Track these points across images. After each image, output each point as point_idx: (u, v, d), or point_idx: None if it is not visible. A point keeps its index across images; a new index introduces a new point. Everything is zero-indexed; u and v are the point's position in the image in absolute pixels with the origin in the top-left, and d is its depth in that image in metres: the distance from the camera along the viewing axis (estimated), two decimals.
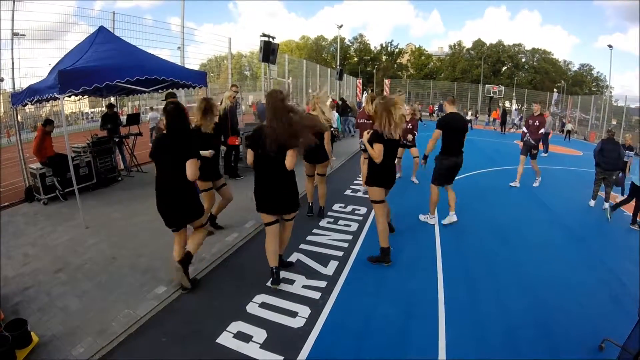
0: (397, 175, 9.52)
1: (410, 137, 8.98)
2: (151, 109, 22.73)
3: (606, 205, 8.18)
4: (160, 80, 7.03)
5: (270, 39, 11.91)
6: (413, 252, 5.41)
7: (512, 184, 9.73)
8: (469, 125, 28.91)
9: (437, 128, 6.21)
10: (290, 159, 3.83)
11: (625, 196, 7.73)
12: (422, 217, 6.76)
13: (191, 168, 3.80)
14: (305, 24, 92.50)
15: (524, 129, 9.89)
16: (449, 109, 6.32)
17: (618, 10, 74.56)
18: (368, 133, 4.96)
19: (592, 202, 8.42)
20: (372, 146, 4.78)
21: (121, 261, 4.84)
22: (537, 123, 9.58)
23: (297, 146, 3.83)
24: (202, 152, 4.97)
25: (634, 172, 7.30)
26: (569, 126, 26.38)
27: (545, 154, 16.38)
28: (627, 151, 9.03)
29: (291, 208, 4.19)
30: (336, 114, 12.42)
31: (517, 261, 5.27)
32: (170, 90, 8.17)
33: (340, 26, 35.41)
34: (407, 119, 8.94)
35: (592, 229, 7.00)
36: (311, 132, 3.93)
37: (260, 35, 11.88)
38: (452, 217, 6.56)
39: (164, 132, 4.05)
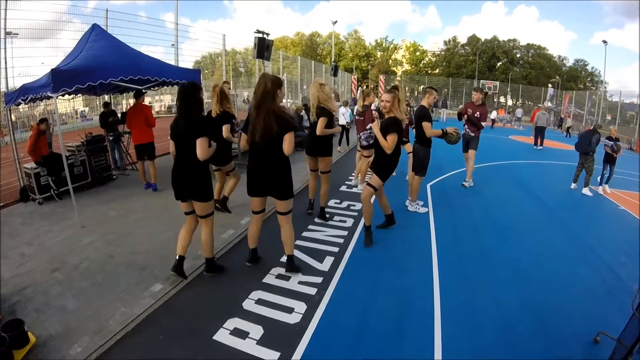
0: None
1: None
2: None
3: (586, 190, 8.89)
4: (152, 80, 7.01)
5: (265, 36, 11.88)
6: (408, 248, 5.44)
7: (465, 184, 8.72)
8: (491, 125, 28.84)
9: (428, 120, 6.41)
10: (287, 145, 3.90)
11: None
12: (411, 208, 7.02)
13: (200, 147, 3.87)
14: (301, 19, 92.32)
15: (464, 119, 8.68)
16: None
17: (616, 6, 74.99)
18: (378, 122, 5.16)
19: (573, 185, 9.16)
20: (384, 136, 5.02)
21: (117, 259, 4.84)
22: (477, 114, 8.35)
23: (293, 129, 3.94)
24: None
25: None
26: (569, 122, 26.36)
27: (540, 147, 16.62)
28: (612, 142, 9.17)
29: (282, 193, 4.17)
30: (348, 110, 12.40)
31: (512, 256, 5.32)
32: (141, 90, 8.11)
33: (335, 22, 35.29)
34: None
35: (587, 223, 7.06)
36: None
37: (255, 32, 11.85)
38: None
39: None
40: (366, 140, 7.58)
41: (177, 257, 4.27)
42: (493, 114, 29.22)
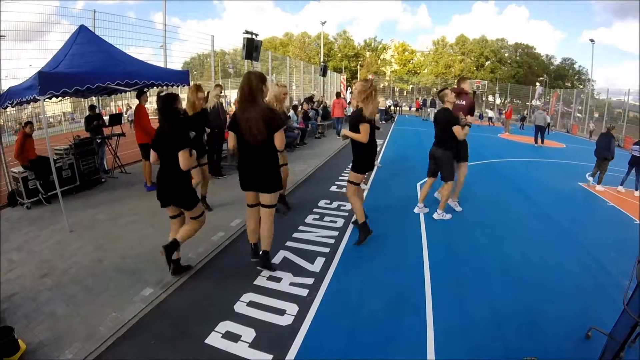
0: (379, 165, 9.79)
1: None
2: (129, 106, 22.96)
3: (595, 184, 9.53)
4: (140, 83, 6.95)
5: (254, 36, 11.85)
6: (399, 247, 5.47)
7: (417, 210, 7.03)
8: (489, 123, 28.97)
9: (457, 124, 6.18)
10: (279, 140, 4.02)
11: None
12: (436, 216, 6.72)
13: (182, 158, 3.94)
14: (291, 20, 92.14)
15: None
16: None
17: (605, 5, 76.20)
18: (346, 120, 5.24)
19: (589, 178, 9.75)
20: (357, 130, 5.00)
21: (107, 264, 4.80)
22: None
23: (283, 125, 4.10)
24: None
25: None
26: (547, 118, 26.68)
27: (537, 145, 17.52)
28: None
29: (269, 187, 4.25)
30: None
31: (502, 253, 5.38)
32: (144, 90, 8.17)
33: (324, 23, 35.36)
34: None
35: (577, 220, 7.13)
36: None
37: (243, 33, 11.82)
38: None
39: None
40: None
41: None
42: (490, 113, 29.52)
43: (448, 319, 3.79)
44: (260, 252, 4.53)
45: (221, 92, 8.80)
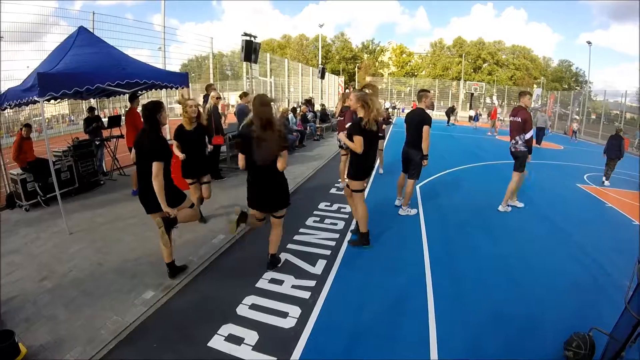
0: (379, 171, 9.77)
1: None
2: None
3: (604, 180, 10.15)
4: (141, 83, 6.92)
5: (252, 38, 11.85)
6: (400, 248, 5.48)
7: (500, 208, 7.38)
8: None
9: (429, 125, 6.27)
10: (282, 162, 4.10)
11: None
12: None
13: (155, 169, 3.90)
14: (290, 22, 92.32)
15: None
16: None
17: (602, 8, 76.74)
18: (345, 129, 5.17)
19: (605, 181, 10.14)
20: (351, 139, 4.96)
21: (107, 267, 4.77)
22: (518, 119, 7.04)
23: (287, 147, 4.23)
24: (176, 152, 5.50)
25: None
26: (548, 120, 26.80)
27: (538, 145, 17.44)
28: None
29: (281, 205, 4.41)
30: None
31: (502, 254, 5.38)
32: (136, 92, 8.14)
33: (322, 25, 35.44)
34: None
35: (576, 220, 7.11)
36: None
37: (242, 35, 11.81)
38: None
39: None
40: None
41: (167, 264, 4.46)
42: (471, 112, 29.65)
43: (450, 319, 3.79)
44: (269, 256, 4.72)
45: (214, 90, 8.71)
